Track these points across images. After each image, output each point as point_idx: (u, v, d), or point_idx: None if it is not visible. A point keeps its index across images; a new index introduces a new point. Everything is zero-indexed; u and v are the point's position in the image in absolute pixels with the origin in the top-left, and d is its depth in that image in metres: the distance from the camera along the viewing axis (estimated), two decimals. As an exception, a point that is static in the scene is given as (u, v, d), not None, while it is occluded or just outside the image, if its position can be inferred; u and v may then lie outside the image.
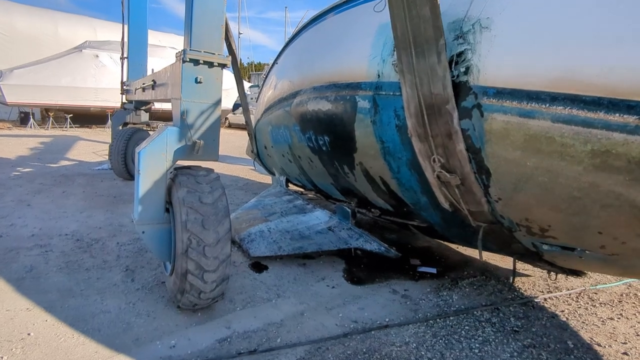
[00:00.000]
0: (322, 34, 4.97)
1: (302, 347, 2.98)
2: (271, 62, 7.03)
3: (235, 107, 29.64)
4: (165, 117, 25.15)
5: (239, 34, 27.66)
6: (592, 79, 2.23)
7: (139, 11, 8.42)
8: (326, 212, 5.45)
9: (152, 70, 6.33)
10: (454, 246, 5.56)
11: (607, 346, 3.21)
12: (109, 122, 21.58)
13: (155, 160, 3.12)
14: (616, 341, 3.29)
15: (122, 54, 8.64)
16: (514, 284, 4.06)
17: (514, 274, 3.80)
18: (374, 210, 5.11)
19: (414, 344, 3.09)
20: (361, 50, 3.89)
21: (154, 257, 4.46)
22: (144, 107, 8.36)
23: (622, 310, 3.88)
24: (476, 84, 2.77)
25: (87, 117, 22.16)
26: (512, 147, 2.70)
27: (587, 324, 3.55)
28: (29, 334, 2.95)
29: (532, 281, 4.49)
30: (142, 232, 3.16)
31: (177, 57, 3.26)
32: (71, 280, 3.83)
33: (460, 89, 2.85)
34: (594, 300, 4.07)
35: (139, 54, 8.44)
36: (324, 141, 4.67)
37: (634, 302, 4.07)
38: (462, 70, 2.84)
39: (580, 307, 3.88)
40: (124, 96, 8.71)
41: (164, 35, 28.35)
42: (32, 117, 19.95)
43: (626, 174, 2.26)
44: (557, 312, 3.76)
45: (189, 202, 3.01)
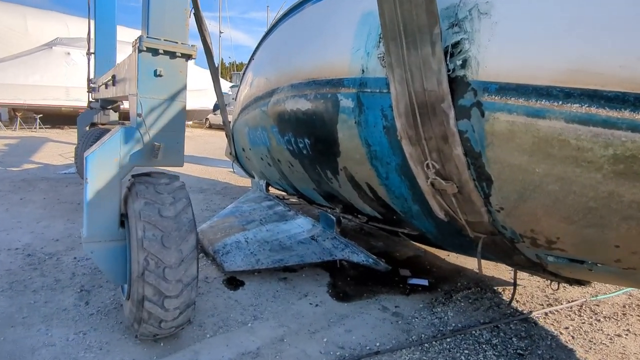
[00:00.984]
0: (300, 26, 4.55)
1: (281, 384, 2.56)
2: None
3: (215, 107, 28.95)
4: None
5: (220, 33, 27.00)
6: (614, 71, 1.90)
7: (106, 3, 7.83)
8: (309, 219, 5.04)
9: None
10: (443, 253, 5.23)
11: (621, 370, 2.91)
12: (82, 122, 20.71)
13: (106, 166, 2.66)
14: (629, 363, 3.00)
15: (89, 49, 8.02)
16: (513, 300, 3.74)
17: (515, 289, 3.48)
18: (360, 216, 4.73)
19: (410, 375, 2.71)
20: (343, 42, 3.48)
21: (115, 274, 3.97)
22: (110, 107, 7.76)
23: (628, 325, 3.60)
24: (475, 78, 2.40)
25: (58, 118, 21.09)
26: (518, 151, 2.35)
27: (594, 343, 3.25)
28: (-51, 378, 2.45)
29: (530, 292, 4.19)
30: (91, 251, 2.68)
31: (133, 46, 2.79)
32: (13, 305, 3.30)
33: (456, 85, 2.48)
34: (597, 313, 3.79)
35: (107, 49, 7.84)
36: (304, 144, 4.26)
37: (638, 315, 3.80)
38: (459, 63, 2.47)
39: (584, 323, 3.58)
40: (91, 94, 8.09)
41: (138, 32, 27.41)
42: (-3, 117, 18.87)
43: None
44: (561, 329, 3.45)
45: (146, 216, 2.55)
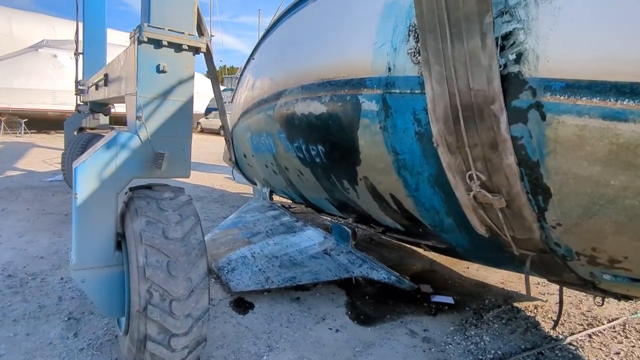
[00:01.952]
0: (308, 21, 4.16)
1: None
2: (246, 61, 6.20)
3: (207, 111, 28.38)
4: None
5: (211, 36, 26.57)
6: None
7: (95, 3, 7.37)
8: (320, 231, 4.65)
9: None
10: (460, 266, 4.88)
11: (695, 408, 2.57)
12: (69, 127, 20.04)
13: (99, 178, 2.23)
14: (701, 398, 2.66)
15: (77, 49, 7.55)
16: (557, 326, 3.38)
17: (560, 310, 3.13)
18: (375, 226, 4.35)
19: (459, 421, 2.33)
20: (362, 37, 3.12)
21: (108, 298, 3.52)
22: (101, 110, 7.29)
23: (682, 348, 3.27)
24: (534, 75, 2.03)
25: (44, 122, 20.40)
26: (588, 161, 1.98)
27: (653, 372, 2.91)
28: None
29: (565, 310, 3.84)
30: (82, 280, 2.25)
31: (131, 37, 2.38)
32: (-11, 339, 2.85)
33: (509, 84, 2.11)
34: (643, 334, 3.46)
35: (97, 50, 7.38)
36: (317, 151, 3.87)
37: (689, 335, 3.48)
38: (512, 57, 2.10)
39: (634, 347, 3.24)
40: (79, 97, 7.61)
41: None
42: (-20, 122, 18.14)
43: None
44: (611, 355, 3.10)
45: (149, 238, 2.14)
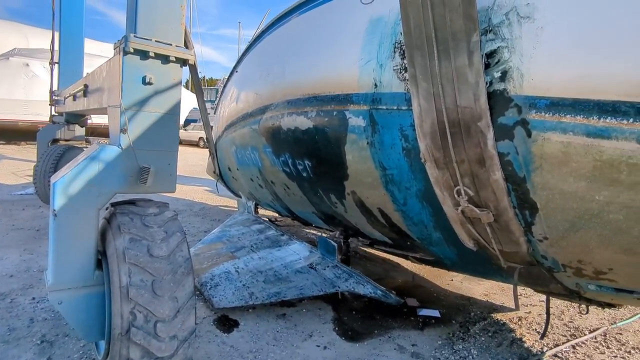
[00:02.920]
0: (292, 35, 4.17)
1: None
2: (228, 74, 6.17)
3: (186, 122, 28.02)
4: (106, 132, 23.05)
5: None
6: None
7: (73, 12, 7.20)
8: (305, 245, 4.59)
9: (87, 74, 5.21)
10: (444, 278, 4.91)
11: (678, 417, 2.62)
12: (41, 138, 19.34)
13: (80, 194, 2.13)
14: (682, 407, 2.72)
15: (52, 58, 7.32)
16: (544, 336, 3.42)
17: (548, 320, 3.16)
18: (362, 239, 4.34)
19: None
20: (348, 53, 3.14)
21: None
22: (76, 121, 7.06)
23: (660, 356, 3.35)
24: (519, 93, 2.09)
25: (14, 133, 19.63)
26: (573, 177, 2.03)
27: (636, 382, 2.96)
28: None
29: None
30: (59, 302, 2.12)
31: (115, 48, 2.31)
32: (-47, 366, 2.65)
33: (495, 101, 2.16)
34: (623, 343, 3.53)
35: (74, 60, 7.18)
36: (304, 166, 3.84)
37: (666, 344, 3.58)
38: (497, 75, 2.15)
39: (616, 357, 3.31)
40: (54, 108, 7.36)
41: (106, 45, 26.28)
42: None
43: None
44: (595, 365, 3.15)
45: (132, 256, 2.04)
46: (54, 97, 7.25)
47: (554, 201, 2.19)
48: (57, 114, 7.19)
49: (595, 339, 3.61)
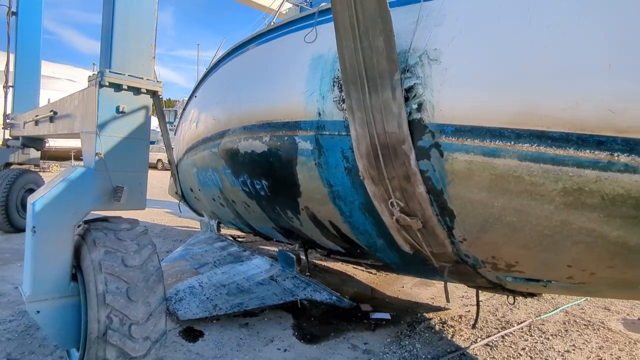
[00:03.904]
0: (247, 66, 4.52)
1: None
2: (188, 96, 6.44)
3: (143, 144, 27.36)
4: (61, 155, 22.11)
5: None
6: (558, 114, 2.07)
7: (30, 34, 7.22)
8: (266, 259, 4.88)
9: (49, 101, 5.32)
10: (397, 286, 5.36)
11: (578, 385, 3.15)
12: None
13: (57, 213, 2.35)
14: (583, 377, 3.26)
15: (7, 82, 7.24)
16: (476, 325, 3.91)
17: (478, 310, 3.66)
18: (320, 250, 4.70)
19: (395, 415, 2.66)
20: (295, 85, 3.50)
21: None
22: (34, 145, 7.00)
23: (572, 340, 3.93)
24: (432, 121, 2.51)
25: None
26: (477, 188, 2.46)
27: (550, 361, 3.49)
28: None
29: (483, 317, 4.41)
30: (37, 312, 2.31)
31: (91, 81, 2.59)
32: None
33: (414, 128, 2.56)
34: (544, 332, 4.10)
35: (29, 84, 7.15)
36: (261, 185, 4.17)
37: (578, 330, 4.18)
38: (415, 107, 2.56)
39: (537, 342, 3.84)
40: (7, 131, 7.24)
41: (58, 66, 25.45)
42: None
43: (600, 210, 2.13)
44: (519, 350, 3.66)
45: (108, 267, 2.28)
46: (7, 120, 7.14)
47: (466, 208, 2.65)
48: (11, 138, 7.08)
49: (521, 329, 4.15)
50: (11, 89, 7.22)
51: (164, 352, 2.45)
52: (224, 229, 6.28)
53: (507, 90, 2.22)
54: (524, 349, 3.69)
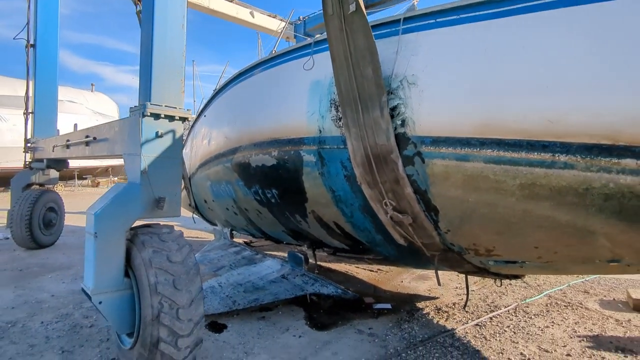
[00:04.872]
0: (254, 90, 5.01)
1: (290, 403, 2.85)
2: (196, 115, 6.97)
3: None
4: (65, 176, 22.56)
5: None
6: (511, 124, 2.54)
7: (48, 64, 7.80)
8: (277, 260, 5.39)
9: (75, 126, 5.88)
10: (397, 281, 5.86)
11: (552, 350, 3.65)
12: (-8, 185, 18.76)
13: (113, 220, 2.88)
14: (557, 345, 3.77)
15: (27, 109, 7.80)
16: (465, 308, 4.42)
17: (468, 292, 4.17)
18: (327, 249, 5.21)
19: (397, 379, 3.17)
20: (298, 107, 3.95)
21: (94, 333, 3.93)
22: (56, 166, 7.54)
23: (552, 318, 4.45)
24: (414, 134, 2.99)
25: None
26: (454, 187, 2.95)
27: (531, 335, 4.00)
28: None
29: (475, 304, 4.92)
30: (99, 302, 2.82)
31: (133, 111, 3.14)
32: (-8, 375, 3.18)
33: (400, 139, 3.06)
34: (528, 313, 4.61)
35: (48, 110, 7.72)
36: (272, 194, 4.70)
37: (558, 310, 4.70)
38: (399, 122, 3.06)
39: (520, 321, 4.36)
40: (28, 155, 7.78)
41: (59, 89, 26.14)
42: None
43: (551, 200, 2.60)
44: (505, 328, 4.17)
45: (157, 263, 2.81)
46: (29, 144, 7.68)
47: (447, 204, 3.16)
48: (35, 160, 7.61)
49: (508, 311, 4.67)
50: (31, 115, 7.78)
51: (202, 333, 2.96)
52: (236, 237, 6.79)
53: (471, 106, 2.73)
54: (509, 326, 4.21)
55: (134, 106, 3.14)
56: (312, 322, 4.39)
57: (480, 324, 4.28)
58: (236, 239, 7.36)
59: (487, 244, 3.36)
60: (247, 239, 8.36)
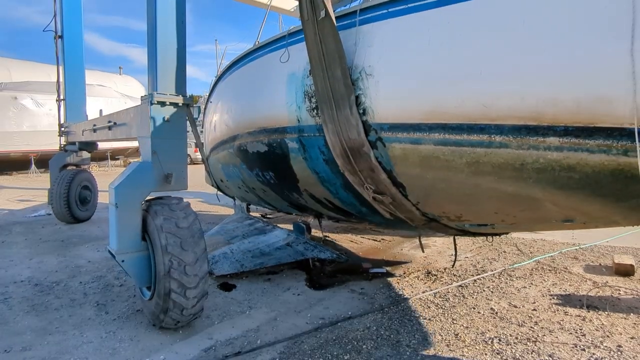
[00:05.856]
0: (243, 80, 5.23)
1: (281, 344, 3.40)
2: (208, 91, 7.29)
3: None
4: (98, 156, 23.93)
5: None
6: (453, 110, 2.73)
7: (74, 52, 8.45)
8: (284, 230, 5.93)
9: (100, 111, 6.50)
10: (391, 250, 6.29)
11: (520, 306, 4.03)
12: (32, 167, 20.23)
13: (130, 193, 3.44)
14: (527, 302, 4.13)
15: (59, 96, 8.54)
16: (454, 266, 4.83)
17: (455, 252, 4.58)
18: (329, 218, 5.69)
19: (374, 327, 3.66)
20: (279, 98, 4.16)
21: (123, 291, 4.61)
22: (87, 148, 8.30)
23: (532, 280, 4.79)
24: (374, 122, 3.20)
25: (6, 163, 20.51)
26: (412, 167, 3.22)
27: (506, 294, 4.38)
28: (14, 372, 3.05)
29: (465, 269, 5.31)
30: (122, 260, 3.42)
31: (144, 100, 3.64)
32: (42, 320, 3.88)
33: (365, 127, 3.27)
34: (511, 276, 4.96)
35: (77, 96, 8.42)
36: (270, 176, 5.14)
37: (541, 274, 5.02)
38: (361, 111, 3.25)
39: (501, 283, 4.73)
40: (62, 138, 8.57)
41: (88, 73, 27.24)
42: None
43: (494, 175, 2.84)
44: (484, 288, 4.56)
45: (167, 228, 3.36)
46: (62, 129, 8.46)
47: (410, 182, 3.42)
48: (69, 143, 8.40)
49: (493, 275, 5.03)
50: (63, 101, 8.52)
51: (207, 286, 3.52)
52: (252, 212, 7.37)
53: (419, 95, 2.96)
54: (488, 287, 4.59)
55: (144, 95, 3.64)
56: (311, 283, 4.92)
57: (463, 285, 4.68)
58: (252, 213, 7.98)
59: (454, 213, 3.66)
60: (263, 212, 8.98)
